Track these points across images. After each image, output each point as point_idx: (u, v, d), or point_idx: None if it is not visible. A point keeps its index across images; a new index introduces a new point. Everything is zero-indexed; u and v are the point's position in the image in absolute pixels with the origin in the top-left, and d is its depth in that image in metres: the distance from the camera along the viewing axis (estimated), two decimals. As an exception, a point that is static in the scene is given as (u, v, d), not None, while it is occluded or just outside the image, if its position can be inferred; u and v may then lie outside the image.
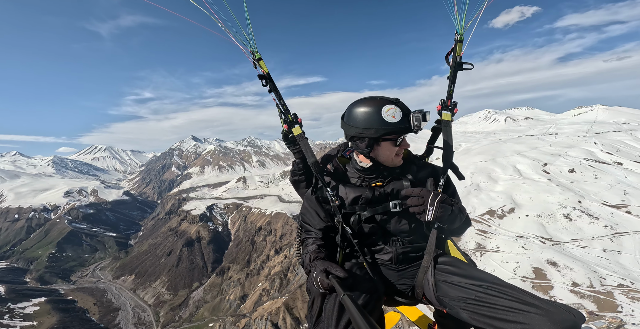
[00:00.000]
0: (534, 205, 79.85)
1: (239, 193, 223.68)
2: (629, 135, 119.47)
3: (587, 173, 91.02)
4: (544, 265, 63.05)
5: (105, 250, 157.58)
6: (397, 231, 1.74)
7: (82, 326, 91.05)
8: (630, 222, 68.90)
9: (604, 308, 50.11)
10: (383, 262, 1.79)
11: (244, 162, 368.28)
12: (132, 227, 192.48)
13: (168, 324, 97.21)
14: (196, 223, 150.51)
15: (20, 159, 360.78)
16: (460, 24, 1.66)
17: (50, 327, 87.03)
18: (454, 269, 1.58)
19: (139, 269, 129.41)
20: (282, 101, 1.87)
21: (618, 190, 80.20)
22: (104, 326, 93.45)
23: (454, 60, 1.73)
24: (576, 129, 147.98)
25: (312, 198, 1.82)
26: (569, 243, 68.51)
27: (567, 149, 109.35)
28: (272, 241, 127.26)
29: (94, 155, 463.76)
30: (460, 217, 1.63)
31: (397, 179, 1.74)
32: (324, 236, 1.79)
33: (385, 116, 1.55)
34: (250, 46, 1.80)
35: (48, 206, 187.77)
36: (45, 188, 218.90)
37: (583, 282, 57.74)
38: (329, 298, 1.43)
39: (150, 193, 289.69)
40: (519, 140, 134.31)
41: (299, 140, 1.87)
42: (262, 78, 1.83)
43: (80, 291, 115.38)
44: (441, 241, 1.79)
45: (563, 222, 74.33)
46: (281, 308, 75.20)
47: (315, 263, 1.50)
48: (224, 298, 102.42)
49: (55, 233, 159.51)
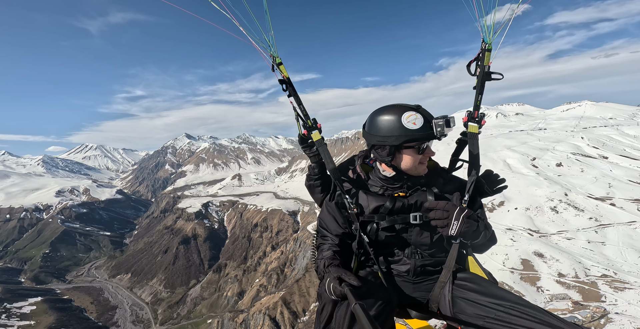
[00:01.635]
0: (523, 198, 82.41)
1: (234, 191, 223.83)
2: (615, 130, 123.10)
3: (573, 167, 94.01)
4: (532, 256, 65.47)
5: (100, 249, 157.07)
6: (417, 244, 1.71)
7: (80, 324, 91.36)
8: (614, 214, 71.70)
9: (588, 297, 51.58)
10: (399, 273, 1.76)
11: (238, 159, 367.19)
12: (126, 226, 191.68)
13: (166, 322, 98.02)
14: (192, 221, 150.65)
15: (9, 159, 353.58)
16: (490, 33, 1.60)
17: (48, 326, 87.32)
18: (473, 286, 1.54)
19: (135, 267, 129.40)
20: (302, 106, 1.85)
21: (603, 183, 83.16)
22: (102, 325, 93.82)
23: (482, 70, 1.66)
24: (564, 124, 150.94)
25: (332, 203, 1.81)
26: (556, 235, 71.09)
27: (555, 144, 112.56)
28: (269, 237, 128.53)
29: (84, 153, 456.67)
30: (486, 234, 1.57)
31: (422, 191, 1.69)
32: (340, 243, 1.77)
33: (406, 123, 1.51)
34: (270, 50, 1.78)
35: (40, 206, 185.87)
36: (36, 188, 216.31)
37: (568, 273, 59.47)
38: (340, 306, 1.40)
39: (144, 191, 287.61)
40: (510, 135, 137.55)
41: (318, 146, 1.85)
42: (283, 83, 1.82)
43: (77, 291, 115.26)
44: (462, 256, 1.77)
45: (550, 215, 77.04)
46: (279, 302, 76.60)
47: (329, 269, 1.47)
48: (221, 295, 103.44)
49: (48, 232, 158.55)
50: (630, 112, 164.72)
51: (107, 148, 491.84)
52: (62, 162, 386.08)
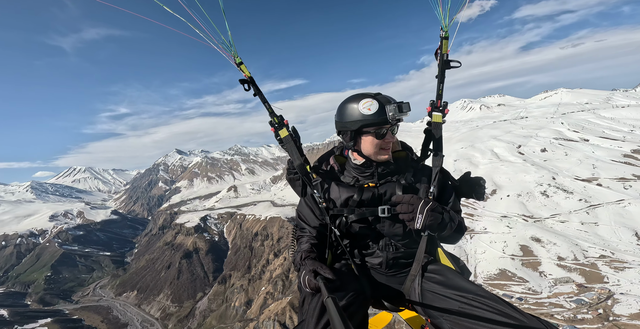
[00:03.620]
0: (513, 185, 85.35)
1: (231, 202, 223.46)
2: (591, 113, 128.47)
3: (557, 152, 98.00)
4: (529, 241, 67.30)
5: (102, 268, 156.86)
6: (390, 234, 1.71)
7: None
8: (603, 194, 74.50)
9: (591, 279, 54.12)
10: (372, 266, 1.78)
11: (232, 171, 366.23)
12: (125, 245, 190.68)
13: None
14: (192, 235, 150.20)
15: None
16: (445, 20, 1.61)
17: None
18: (440, 278, 1.57)
19: (140, 284, 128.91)
20: (268, 104, 1.85)
21: (587, 165, 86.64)
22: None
23: (441, 58, 1.67)
24: (544, 111, 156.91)
25: (309, 196, 1.83)
26: (549, 219, 73.23)
27: (537, 131, 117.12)
28: (270, 245, 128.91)
29: (73, 177, 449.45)
30: (452, 225, 1.56)
31: (392, 182, 1.71)
32: (318, 235, 1.79)
33: (362, 109, 1.55)
34: (231, 51, 1.78)
35: (35, 231, 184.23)
36: (28, 214, 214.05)
37: (567, 256, 61.21)
38: (312, 298, 1.44)
39: (139, 210, 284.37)
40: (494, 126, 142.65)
41: (285, 143, 1.86)
42: (244, 83, 1.80)
43: (85, 310, 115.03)
44: (432, 248, 1.78)
45: (541, 199, 79.71)
46: (286, 307, 77.15)
47: (305, 262, 1.49)
48: (229, 305, 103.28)
49: (47, 256, 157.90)
50: (605, 96, 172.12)
51: (96, 170, 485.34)
52: (52, 186, 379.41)
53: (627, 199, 70.33)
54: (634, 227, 62.41)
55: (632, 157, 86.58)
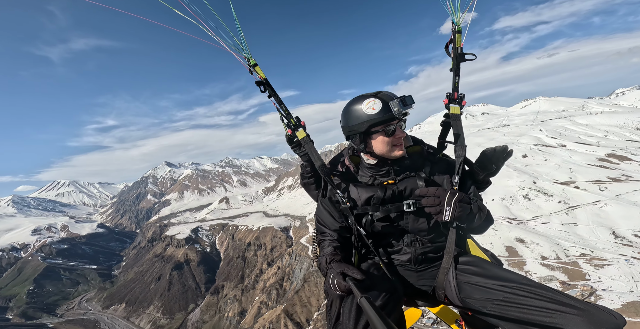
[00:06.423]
0: (497, 190, 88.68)
1: (222, 214, 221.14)
2: (568, 120, 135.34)
3: (537, 157, 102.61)
4: (514, 242, 69.98)
5: (88, 282, 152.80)
6: (415, 230, 1.67)
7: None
8: (580, 196, 78.37)
9: (573, 277, 55.19)
10: (401, 263, 1.73)
11: (224, 182, 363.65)
12: (112, 258, 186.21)
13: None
14: (182, 247, 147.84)
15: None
16: (457, 14, 1.62)
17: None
18: (476, 269, 1.51)
19: (129, 297, 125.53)
20: (283, 105, 1.82)
21: (565, 169, 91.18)
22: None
23: (455, 51, 1.67)
24: (524, 119, 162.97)
25: (326, 199, 1.81)
26: (532, 220, 76.38)
27: (518, 137, 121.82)
28: (263, 254, 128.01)
29: (57, 191, 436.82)
30: (480, 215, 1.55)
31: (410, 176, 1.67)
32: (339, 238, 1.74)
33: (366, 109, 1.54)
34: (244, 52, 1.76)
35: (16, 245, 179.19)
36: (9, 228, 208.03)
37: (550, 255, 63.64)
38: (346, 300, 1.38)
39: (127, 223, 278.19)
40: (479, 134, 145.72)
41: (304, 144, 1.84)
42: (260, 84, 1.78)
43: (71, 324, 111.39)
44: (462, 240, 1.75)
45: (523, 202, 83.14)
46: (281, 315, 76.66)
47: (331, 265, 1.43)
48: (222, 316, 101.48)
49: (29, 270, 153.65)
50: (579, 104, 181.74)
51: (81, 184, 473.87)
52: (34, 200, 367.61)
53: (603, 200, 73.87)
54: (611, 226, 65.59)
55: (606, 161, 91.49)
